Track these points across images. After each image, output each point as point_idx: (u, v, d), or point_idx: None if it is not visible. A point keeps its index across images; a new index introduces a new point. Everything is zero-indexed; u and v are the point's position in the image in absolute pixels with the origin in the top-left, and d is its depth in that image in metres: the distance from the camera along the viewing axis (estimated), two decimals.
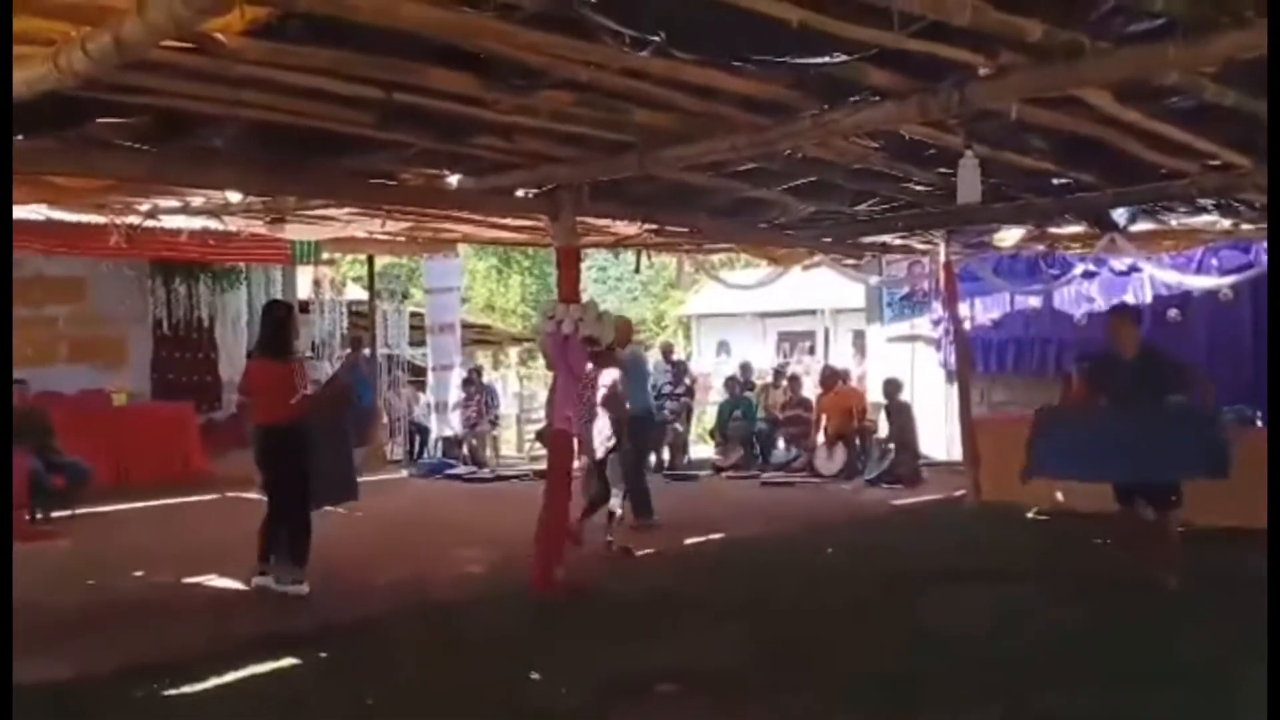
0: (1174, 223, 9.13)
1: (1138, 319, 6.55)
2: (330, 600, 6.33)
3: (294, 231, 9.44)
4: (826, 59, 4.30)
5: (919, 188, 7.76)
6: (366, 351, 13.84)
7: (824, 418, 12.64)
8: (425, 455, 14.07)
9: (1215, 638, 5.20)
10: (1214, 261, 10.53)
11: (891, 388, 12.21)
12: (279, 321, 6.67)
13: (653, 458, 12.31)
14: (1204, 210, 8.64)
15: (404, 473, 13.04)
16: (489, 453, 14.33)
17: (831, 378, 13.24)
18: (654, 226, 9.01)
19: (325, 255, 12.27)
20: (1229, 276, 10.03)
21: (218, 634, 5.65)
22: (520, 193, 7.32)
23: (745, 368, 15.16)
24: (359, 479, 7.10)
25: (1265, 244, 9.77)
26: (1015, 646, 5.18)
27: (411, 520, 9.32)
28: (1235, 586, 6.31)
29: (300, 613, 6.09)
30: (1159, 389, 6.12)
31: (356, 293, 15.62)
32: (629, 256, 11.69)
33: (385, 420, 14.07)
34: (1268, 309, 7.07)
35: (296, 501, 6.41)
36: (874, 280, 12.97)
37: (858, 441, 12.46)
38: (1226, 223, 9.04)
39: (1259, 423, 9.23)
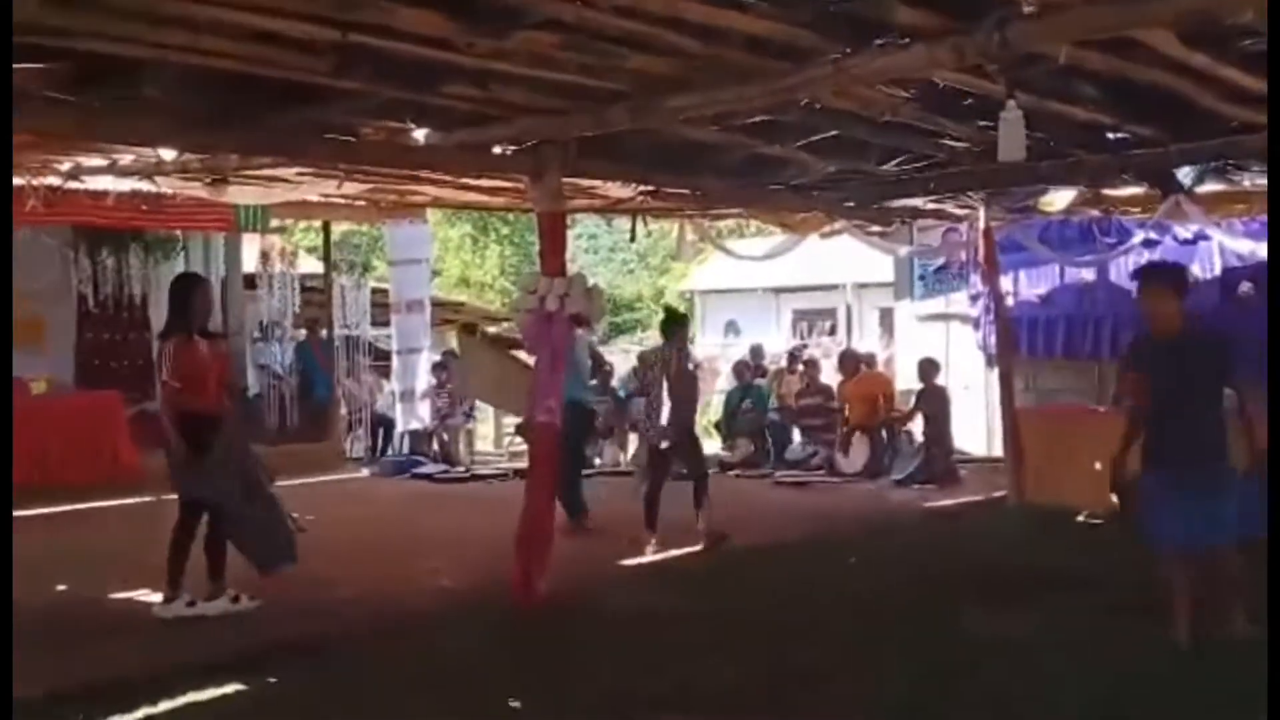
0: (1247, 183, 9.12)
1: (1176, 285, 5.52)
2: (281, 617, 6.33)
3: (238, 194, 9.41)
4: None
5: (955, 143, 7.76)
6: (323, 333, 13.86)
7: (846, 408, 12.67)
8: (390, 451, 14.09)
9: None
10: None
11: (929, 369, 12.14)
12: (175, 297, 6.74)
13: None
14: None
15: (365, 471, 13.06)
16: (462, 448, 14.35)
17: (851, 362, 13.27)
18: (651, 189, 9.01)
19: (274, 222, 12.25)
20: None
21: (153, 655, 5.65)
22: (497, 150, 7.31)
23: (756, 351, 15.18)
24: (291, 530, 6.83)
25: None
26: (1066, 672, 5.19)
27: (374, 525, 9.34)
28: None
29: (248, 631, 6.09)
30: (1212, 382, 5.30)
31: (310, 265, 15.59)
32: (623, 224, 11.68)
33: (344, 412, 14.08)
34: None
35: (187, 505, 6.45)
36: (903, 250, 12.93)
37: (884, 435, 12.50)
38: None
39: None
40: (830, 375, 13.91)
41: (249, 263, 13.97)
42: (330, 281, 14.10)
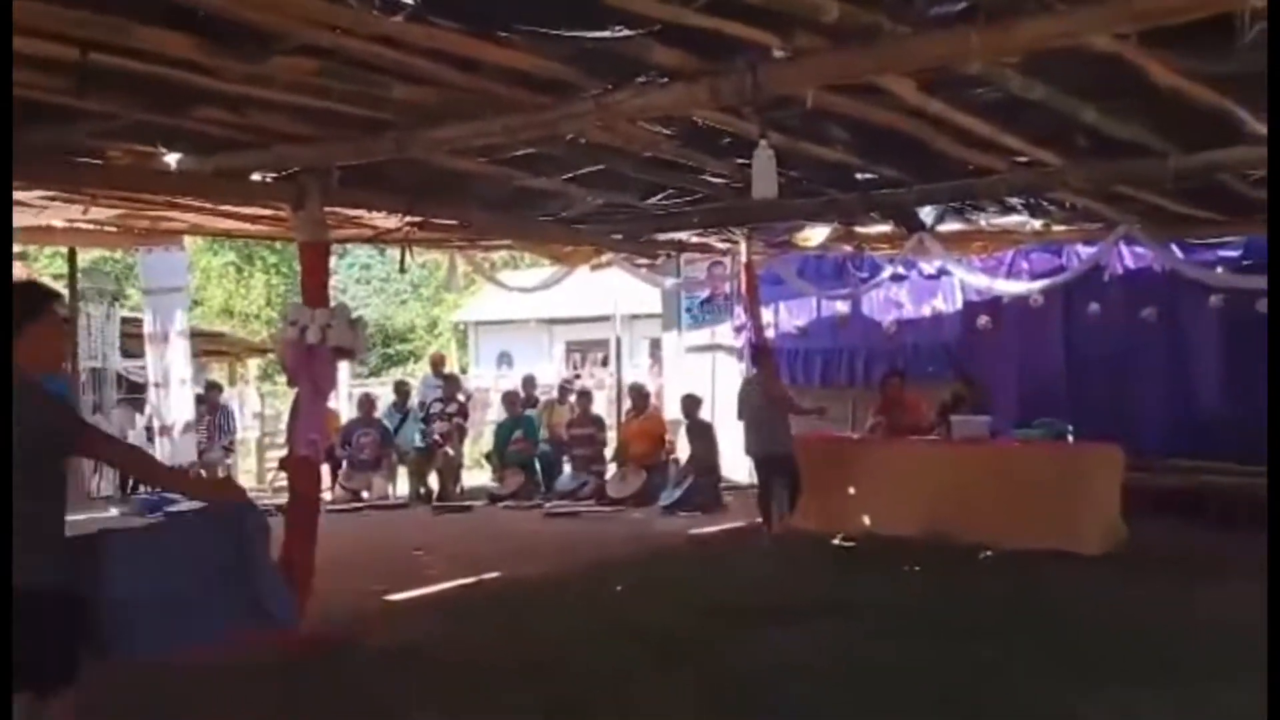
0: (983, 223, 9.75)
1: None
2: None
3: None
4: (605, 33, 4.36)
5: (715, 180, 7.98)
6: (67, 365, 13.05)
7: (629, 445, 12.81)
8: (141, 490, 13.36)
9: (1027, 669, 5.55)
10: (1025, 265, 11.29)
11: (691, 405, 12.47)
12: None
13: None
14: (1013, 210, 9.27)
15: (114, 511, 12.35)
16: None
17: (643, 399, 13.41)
18: (418, 219, 8.90)
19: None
20: (1040, 281, 10.75)
21: None
22: (256, 176, 7.09)
23: (528, 381, 15.18)
24: None
25: (1077, 247, 10.57)
26: (818, 689, 5.36)
27: None
28: (1041, 611, 6.82)
29: None
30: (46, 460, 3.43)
31: None
32: (397, 254, 11.49)
33: None
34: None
35: None
36: (670, 283, 13.22)
37: (668, 463, 12.70)
38: (1037, 223, 9.73)
39: (1070, 437, 9.96)
40: (602, 406, 13.99)
41: None
42: (76, 310, 13.29)
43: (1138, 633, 6.25)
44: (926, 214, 9.29)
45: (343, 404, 15.81)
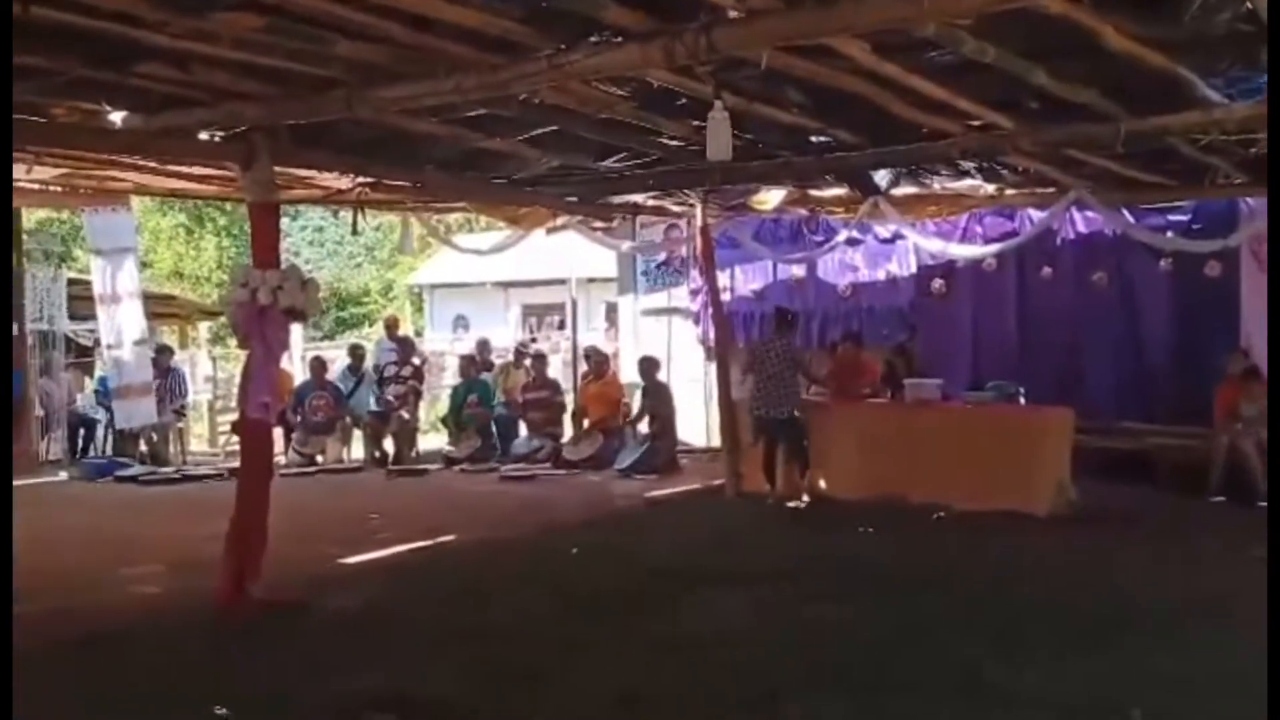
0: (937, 186, 9.78)
1: None
2: None
3: None
4: None
5: (671, 142, 7.94)
6: (14, 328, 12.86)
7: (586, 409, 12.80)
8: (91, 452, 13.23)
9: (955, 631, 5.63)
10: (978, 229, 11.36)
11: (648, 367, 12.47)
12: None
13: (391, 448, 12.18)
14: (967, 174, 9.30)
15: (63, 474, 12.23)
16: (173, 448, 13.65)
17: (604, 365, 13.38)
18: (370, 180, 8.81)
19: None
20: (993, 245, 10.82)
21: None
22: (204, 135, 6.98)
23: (483, 345, 15.12)
24: None
25: (1029, 211, 10.65)
26: (768, 653, 5.41)
27: (69, 533, 8.72)
28: (983, 573, 6.93)
29: None
30: None
31: None
32: (350, 216, 11.38)
33: (40, 412, 13.12)
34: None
35: None
36: (626, 246, 13.18)
37: (625, 426, 12.72)
38: (990, 188, 9.78)
39: (1021, 399, 10.07)
40: (558, 370, 13.93)
41: None
42: (21, 271, 13.07)
43: (1074, 594, 6.36)
44: (881, 178, 9.30)
45: (296, 367, 15.68)
